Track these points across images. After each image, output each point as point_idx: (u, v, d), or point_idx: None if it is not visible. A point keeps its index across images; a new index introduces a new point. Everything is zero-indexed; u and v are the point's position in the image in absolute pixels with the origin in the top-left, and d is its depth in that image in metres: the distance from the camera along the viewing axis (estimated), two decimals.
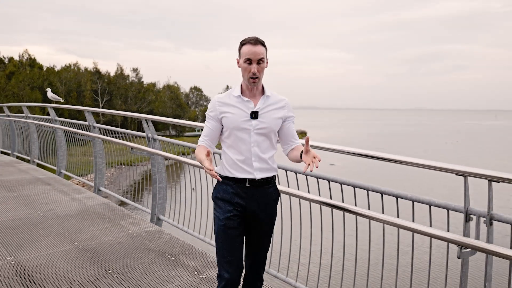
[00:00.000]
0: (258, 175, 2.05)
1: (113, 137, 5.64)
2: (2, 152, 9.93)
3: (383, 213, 2.46)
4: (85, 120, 6.15)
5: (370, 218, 2.49)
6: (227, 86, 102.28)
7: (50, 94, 8.06)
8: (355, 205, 2.64)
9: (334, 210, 2.82)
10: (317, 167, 1.84)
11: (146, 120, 4.63)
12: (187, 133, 61.37)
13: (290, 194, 3.08)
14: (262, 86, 2.10)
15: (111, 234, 4.02)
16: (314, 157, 1.86)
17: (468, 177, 2.06)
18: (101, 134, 5.90)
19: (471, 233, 2.09)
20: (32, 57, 51.90)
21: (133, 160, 6.09)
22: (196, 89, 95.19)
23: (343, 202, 2.68)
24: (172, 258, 3.49)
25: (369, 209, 2.57)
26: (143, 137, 4.83)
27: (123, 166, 6.93)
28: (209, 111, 2.11)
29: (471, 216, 2.08)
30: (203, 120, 2.09)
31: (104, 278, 3.07)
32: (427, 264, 2.64)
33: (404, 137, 73.98)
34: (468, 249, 1.99)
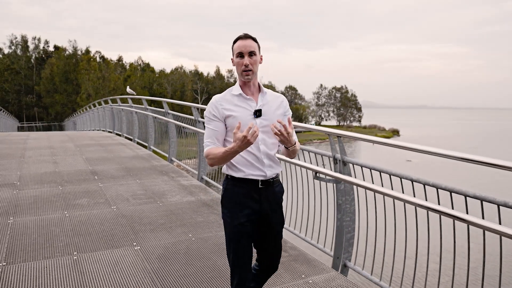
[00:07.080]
0: (269, 172, 2.04)
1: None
2: (109, 132, 14.33)
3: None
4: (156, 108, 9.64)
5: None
6: (321, 85, 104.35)
7: (128, 89, 11.89)
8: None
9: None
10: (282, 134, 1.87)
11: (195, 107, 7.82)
12: None
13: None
14: (258, 84, 2.09)
15: (141, 164, 7.32)
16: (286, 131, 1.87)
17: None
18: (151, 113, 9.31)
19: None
20: (145, 62, 61.10)
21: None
22: (291, 88, 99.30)
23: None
24: (164, 172, 6.61)
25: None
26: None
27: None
28: (211, 113, 2.03)
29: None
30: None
31: (127, 176, 6.33)
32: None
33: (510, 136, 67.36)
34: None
